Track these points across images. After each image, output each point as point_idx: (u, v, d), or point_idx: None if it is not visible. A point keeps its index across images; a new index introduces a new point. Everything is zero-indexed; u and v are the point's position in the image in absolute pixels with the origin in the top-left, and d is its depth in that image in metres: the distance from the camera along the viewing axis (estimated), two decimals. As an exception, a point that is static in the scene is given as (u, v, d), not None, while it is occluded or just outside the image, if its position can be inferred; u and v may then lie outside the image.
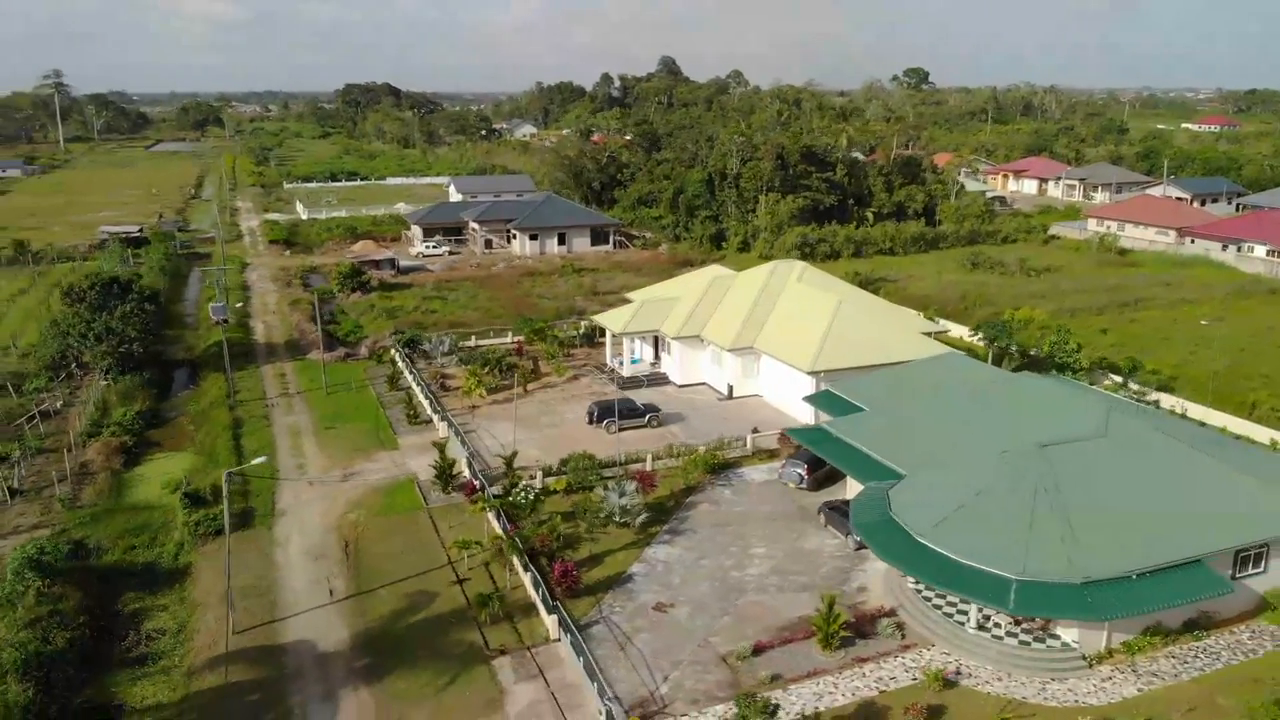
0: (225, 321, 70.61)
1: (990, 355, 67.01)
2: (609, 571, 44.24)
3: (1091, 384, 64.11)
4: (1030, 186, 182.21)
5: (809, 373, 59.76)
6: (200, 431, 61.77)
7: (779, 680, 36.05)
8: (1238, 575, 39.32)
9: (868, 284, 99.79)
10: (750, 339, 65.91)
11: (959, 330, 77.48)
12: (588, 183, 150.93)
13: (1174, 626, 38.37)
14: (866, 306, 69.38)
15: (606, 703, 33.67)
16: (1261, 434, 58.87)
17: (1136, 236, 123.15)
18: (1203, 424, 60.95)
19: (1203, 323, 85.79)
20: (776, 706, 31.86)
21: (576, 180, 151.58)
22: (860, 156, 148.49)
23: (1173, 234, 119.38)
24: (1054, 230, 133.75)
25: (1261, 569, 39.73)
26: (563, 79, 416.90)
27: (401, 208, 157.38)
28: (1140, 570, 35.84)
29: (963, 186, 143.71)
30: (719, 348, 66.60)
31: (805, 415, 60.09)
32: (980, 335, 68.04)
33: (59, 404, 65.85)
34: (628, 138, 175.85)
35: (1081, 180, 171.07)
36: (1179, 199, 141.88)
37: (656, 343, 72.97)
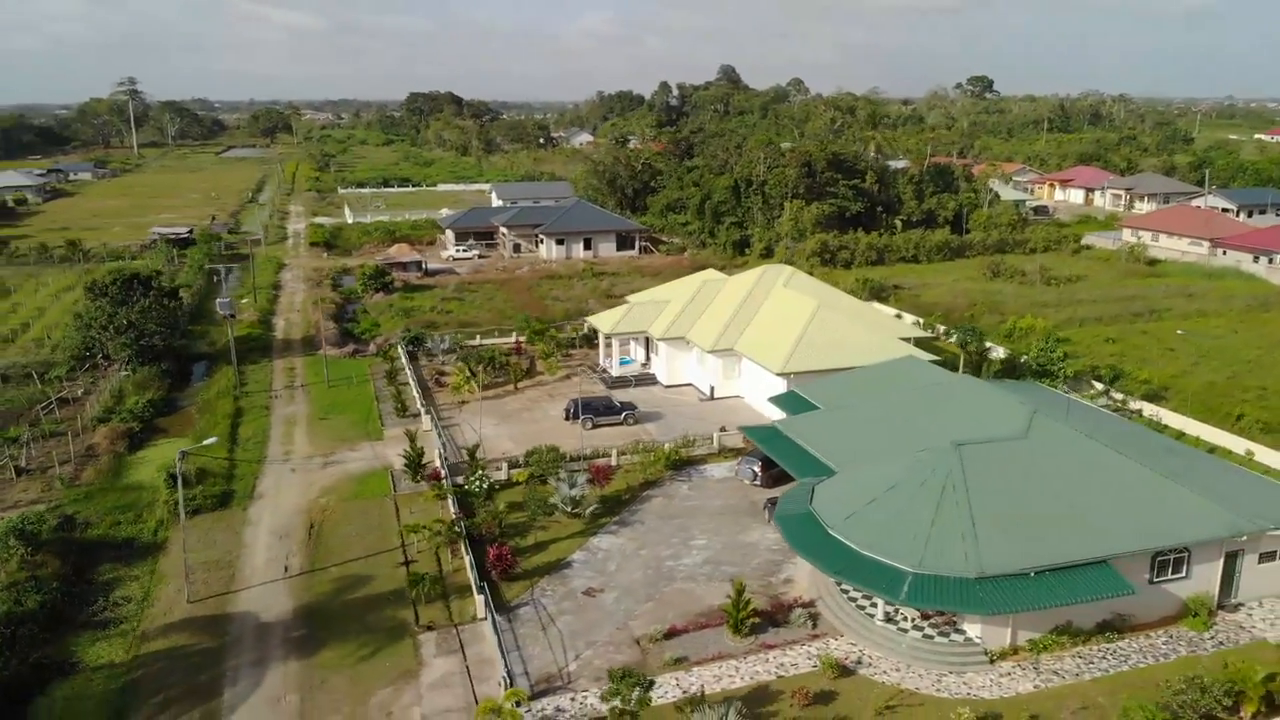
0: (232, 316, 74.26)
1: (963, 360, 67.16)
2: (551, 558, 46.12)
3: (1069, 392, 64.01)
4: (1077, 196, 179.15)
5: (778, 374, 60.91)
6: (202, 419, 65.30)
7: (684, 662, 37.49)
8: (1156, 579, 39.56)
9: (879, 291, 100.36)
10: (731, 341, 67.23)
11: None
12: (621, 189, 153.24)
13: (1087, 627, 38.76)
14: (850, 312, 70.06)
15: (504, 675, 35.52)
16: (1239, 445, 58.26)
17: (1169, 247, 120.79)
18: (1181, 434, 60.67)
19: (1178, 332, 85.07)
20: (651, 682, 33.36)
21: (610, 186, 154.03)
22: (906, 163, 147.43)
23: (1206, 245, 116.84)
24: (1087, 240, 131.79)
25: (1183, 574, 39.86)
26: (630, 87, 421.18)
27: (445, 213, 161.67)
28: (1039, 568, 36.44)
29: (996, 195, 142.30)
30: (701, 349, 68.06)
31: (778, 415, 61.13)
32: (955, 338, 68.11)
33: (80, 392, 70.12)
34: (661, 145, 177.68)
35: (1127, 190, 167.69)
36: (1224, 210, 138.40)
37: (648, 344, 74.66)
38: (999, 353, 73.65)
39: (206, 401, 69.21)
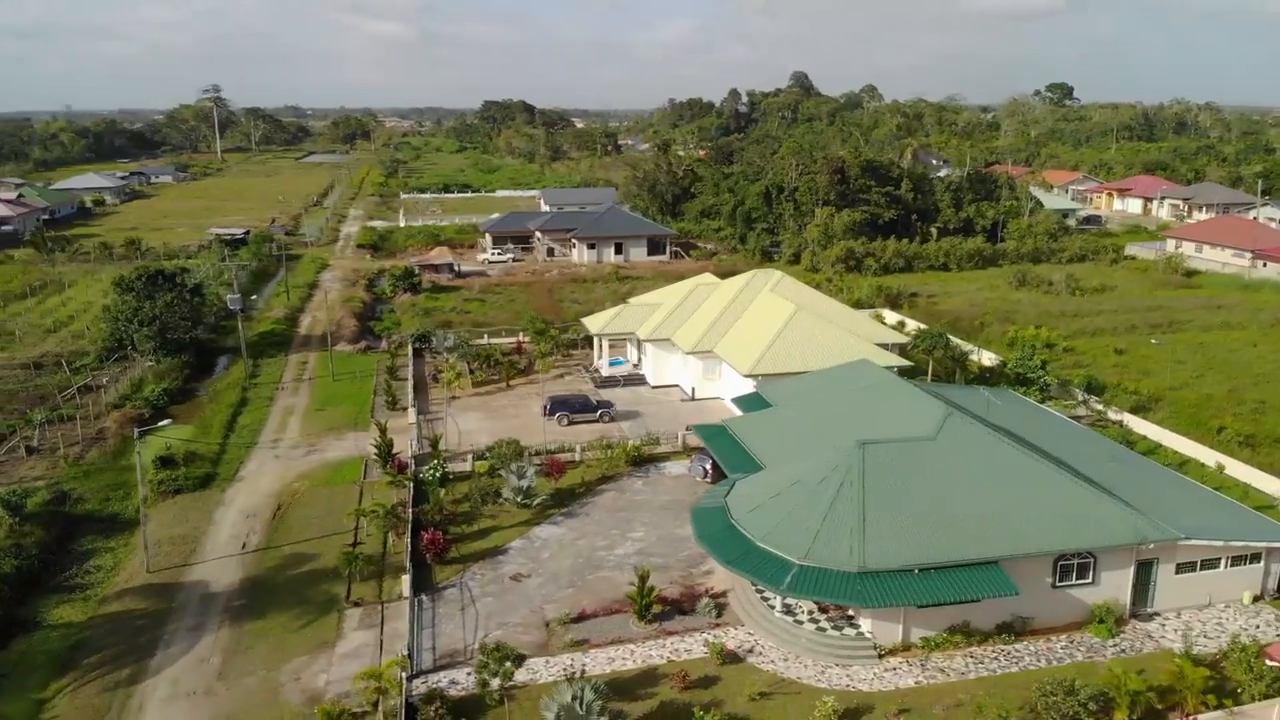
0: (242, 311, 78.46)
1: (931, 365, 67.15)
2: (491, 544, 48.26)
3: (1043, 400, 63.68)
4: (1135, 206, 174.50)
5: (745, 375, 62.06)
6: (209, 408, 69.39)
7: (584, 644, 39.20)
8: (1060, 584, 39.76)
9: (894, 299, 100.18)
10: (712, 344, 68.55)
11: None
12: (661, 195, 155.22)
13: (986, 629, 39.21)
14: (835, 317, 70.55)
15: (405, 649, 37.75)
16: (1211, 457, 57.35)
17: (1211, 258, 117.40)
18: (1157, 445, 59.99)
19: (1153, 341, 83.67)
20: (521, 658, 35.20)
21: (651, 192, 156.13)
22: (955, 170, 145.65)
23: (1248, 256, 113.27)
24: (1130, 250, 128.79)
25: (1090, 580, 39.96)
26: (712, 95, 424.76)
27: (494, 217, 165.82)
28: (924, 566, 37.13)
29: (1038, 203, 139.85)
30: (683, 351, 69.56)
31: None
32: (919, 345, 68.07)
33: (105, 380, 75.03)
34: (702, 151, 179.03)
35: (1185, 200, 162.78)
36: (1275, 221, 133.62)
37: (639, 345, 76.37)
38: (989, 358, 73.43)
39: (217, 391, 73.44)
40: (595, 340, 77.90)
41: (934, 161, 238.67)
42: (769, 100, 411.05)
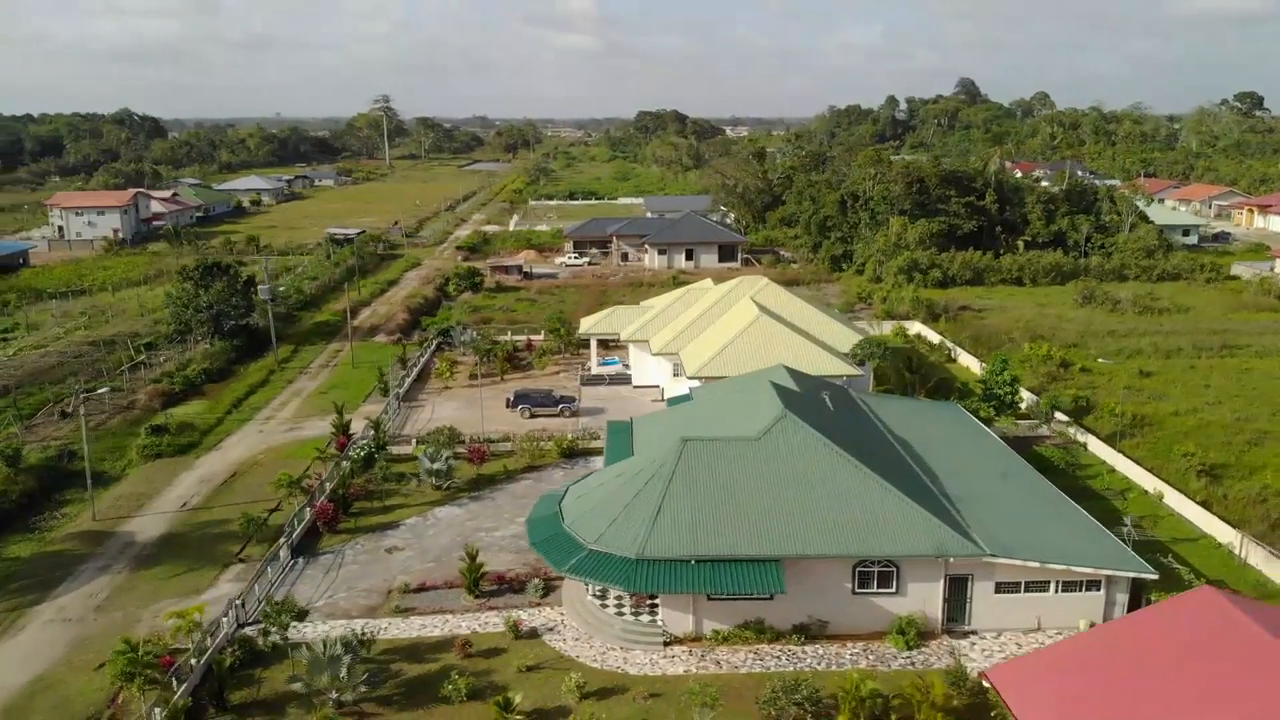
0: (273, 300, 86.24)
1: (873, 376, 65.89)
2: (388, 519, 52.34)
3: (987, 419, 61.84)
4: (1278, 223, 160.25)
5: (690, 377, 63.51)
6: (227, 388, 77.17)
7: (409, 611, 42.58)
8: (860, 590, 39.76)
9: (939, 312, 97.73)
10: (680, 346, 70.20)
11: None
12: (750, 202, 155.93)
13: (782, 628, 39.72)
14: (814, 327, 70.56)
15: (239, 601, 42.25)
16: (1150, 482, 54.49)
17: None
18: (1103, 465, 57.53)
19: (1099, 360, 79.87)
20: (305, 613, 38.87)
21: (741, 199, 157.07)
22: (1059, 185, 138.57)
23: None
24: (1235, 269, 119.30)
25: (893, 589, 39.74)
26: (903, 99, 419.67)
27: (579, 224, 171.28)
28: (703, 558, 38.25)
29: (1143, 216, 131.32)
30: (651, 352, 71.64)
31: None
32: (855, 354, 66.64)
33: (162, 359, 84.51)
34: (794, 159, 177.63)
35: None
36: None
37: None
38: (978, 370, 71.53)
39: (248, 373, 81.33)
40: (593, 341, 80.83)
41: (1080, 173, 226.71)
42: (927, 107, 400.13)
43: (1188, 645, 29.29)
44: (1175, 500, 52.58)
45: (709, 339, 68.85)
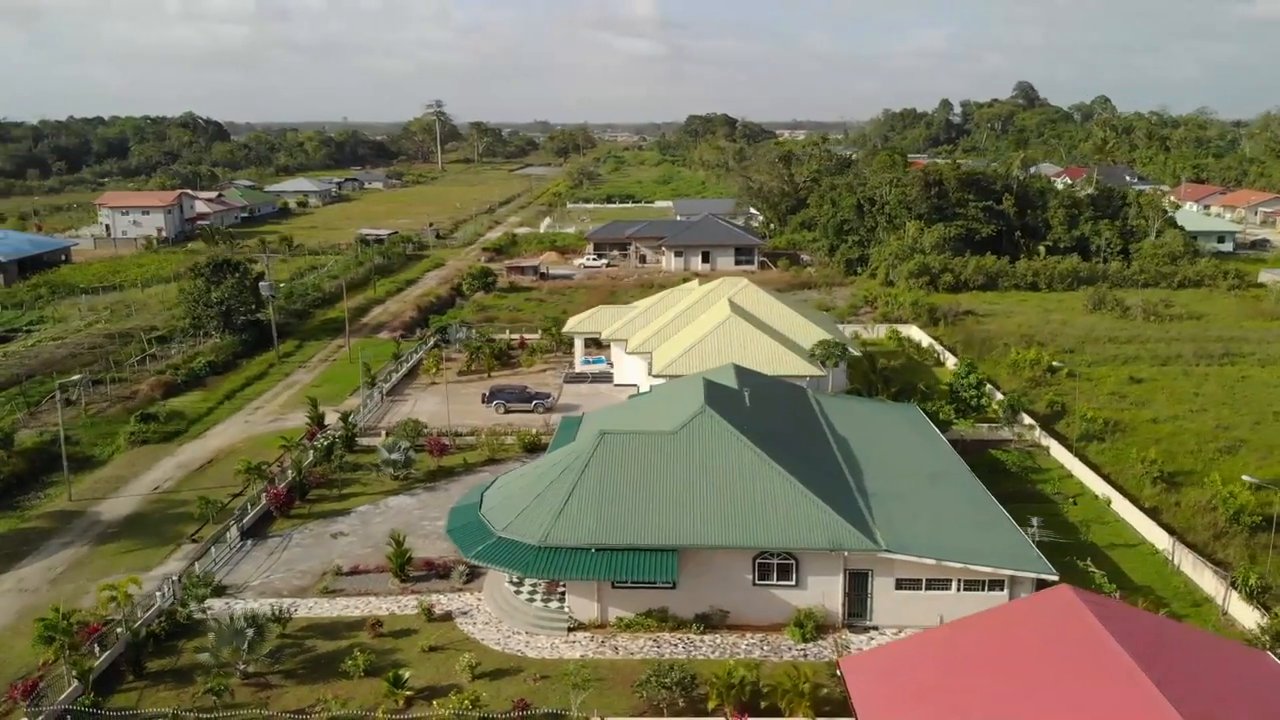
0: (274, 297, 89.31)
1: (830, 374, 65.89)
2: (341, 506, 54.38)
3: (948, 422, 61.72)
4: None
5: (655, 375, 64.54)
6: (225, 380, 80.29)
7: (336, 593, 44.45)
8: (760, 582, 40.46)
9: (941, 317, 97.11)
10: (654, 345, 71.25)
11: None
12: (774, 205, 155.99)
13: (685, 617, 40.65)
14: (790, 328, 71.07)
15: (178, 578, 44.48)
16: (1101, 487, 54.07)
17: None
18: (1061, 470, 57.18)
19: (1053, 364, 77.85)
20: (222, 589, 40.86)
21: (766, 202, 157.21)
22: (1077, 186, 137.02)
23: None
24: (1262, 276, 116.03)
25: (793, 582, 40.36)
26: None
27: (599, 226, 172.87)
28: (601, 546, 39.36)
29: (1170, 222, 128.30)
30: (626, 351, 72.80)
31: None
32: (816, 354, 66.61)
33: (172, 351, 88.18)
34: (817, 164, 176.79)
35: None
36: None
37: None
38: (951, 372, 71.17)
39: (249, 366, 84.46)
40: (579, 340, 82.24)
41: (1126, 178, 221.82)
42: (982, 111, 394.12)
43: (1030, 643, 29.56)
44: (1122, 506, 52.11)
45: (681, 339, 69.82)
